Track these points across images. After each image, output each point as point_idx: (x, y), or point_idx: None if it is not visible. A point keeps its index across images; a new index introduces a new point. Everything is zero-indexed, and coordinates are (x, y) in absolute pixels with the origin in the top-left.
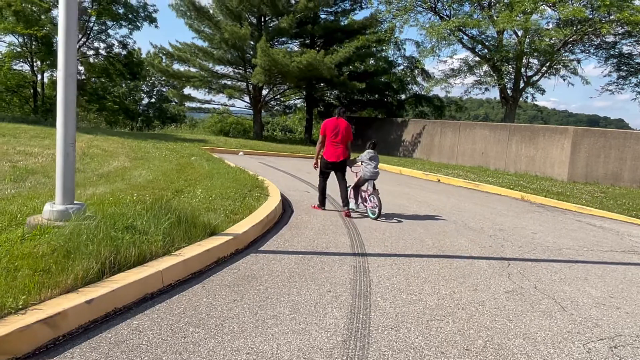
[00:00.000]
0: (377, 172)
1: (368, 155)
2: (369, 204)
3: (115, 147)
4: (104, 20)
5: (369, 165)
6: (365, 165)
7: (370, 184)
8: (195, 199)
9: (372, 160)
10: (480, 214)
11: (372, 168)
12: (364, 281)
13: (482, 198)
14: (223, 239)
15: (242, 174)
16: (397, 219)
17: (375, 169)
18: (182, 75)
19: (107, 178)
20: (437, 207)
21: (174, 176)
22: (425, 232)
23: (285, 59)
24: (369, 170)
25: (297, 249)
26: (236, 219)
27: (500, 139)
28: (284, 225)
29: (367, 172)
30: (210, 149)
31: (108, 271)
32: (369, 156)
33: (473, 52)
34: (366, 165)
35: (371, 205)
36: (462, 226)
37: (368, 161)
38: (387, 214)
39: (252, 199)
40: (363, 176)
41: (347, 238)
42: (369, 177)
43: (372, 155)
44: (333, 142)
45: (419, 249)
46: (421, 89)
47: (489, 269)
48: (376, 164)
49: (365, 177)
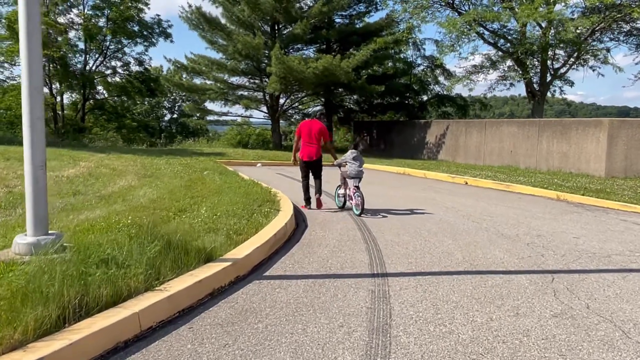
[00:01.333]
0: (361, 171)
1: (351, 155)
2: (353, 201)
3: (126, 166)
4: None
5: (352, 165)
6: (349, 165)
7: (355, 182)
8: (197, 218)
9: (355, 160)
10: (513, 219)
11: (356, 167)
12: (383, 310)
13: (514, 200)
14: (220, 266)
15: (254, 188)
16: (421, 229)
17: (359, 167)
18: (197, 89)
19: (108, 199)
20: (465, 213)
21: (180, 194)
22: (453, 244)
23: (301, 65)
24: (353, 169)
25: (308, 272)
26: (239, 240)
27: (530, 136)
28: (295, 243)
29: (352, 171)
30: (227, 162)
31: (71, 317)
32: (352, 156)
33: (495, 47)
34: (350, 165)
35: (355, 202)
36: (495, 234)
37: (352, 161)
38: (410, 223)
39: (261, 215)
40: (347, 175)
41: (366, 255)
42: (353, 175)
43: (356, 155)
44: (307, 142)
45: (447, 264)
46: (443, 88)
47: (531, 285)
48: (360, 163)
49: (350, 175)
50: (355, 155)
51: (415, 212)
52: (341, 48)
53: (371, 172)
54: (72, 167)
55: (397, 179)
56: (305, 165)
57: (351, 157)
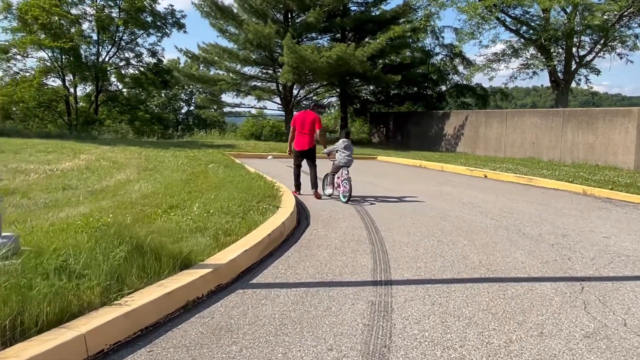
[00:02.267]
0: (350, 160)
1: (343, 144)
2: (341, 188)
3: (129, 158)
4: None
5: (343, 153)
6: (339, 153)
7: (344, 171)
8: (187, 216)
9: (346, 149)
10: (536, 216)
11: (345, 156)
12: (383, 328)
13: (537, 195)
14: (198, 274)
15: (257, 182)
16: (434, 228)
17: (348, 156)
18: (209, 79)
19: (98, 195)
20: (484, 209)
21: (177, 188)
22: (469, 245)
23: (314, 54)
24: (343, 158)
25: (302, 279)
26: (227, 242)
27: (554, 127)
28: (293, 243)
29: (342, 160)
30: (237, 155)
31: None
32: (343, 145)
33: (517, 34)
34: (341, 153)
35: (343, 190)
36: (516, 233)
37: (342, 149)
38: (422, 221)
39: (258, 212)
40: (338, 163)
41: (370, 258)
42: (343, 164)
43: (347, 144)
44: (301, 133)
45: (461, 269)
46: (462, 78)
47: (557, 296)
48: (350, 152)
49: (339, 164)
50: (347, 144)
51: (428, 209)
52: (356, 37)
53: (385, 164)
54: (70, 160)
55: (413, 172)
56: (299, 154)
57: (342, 146)
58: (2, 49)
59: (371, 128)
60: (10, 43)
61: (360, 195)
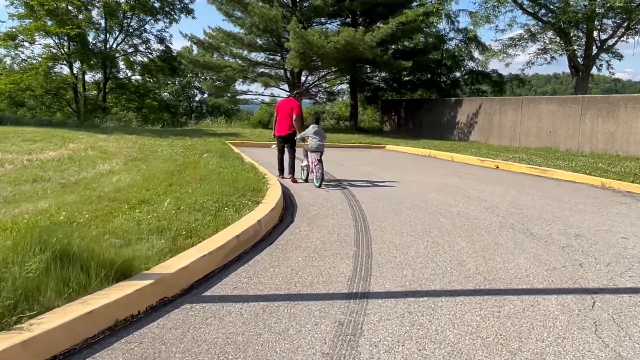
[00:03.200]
0: (321, 145)
1: (312, 130)
2: (314, 173)
3: (121, 148)
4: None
5: (313, 139)
6: (310, 139)
7: (316, 156)
8: (154, 213)
9: (316, 135)
10: (547, 212)
11: (316, 141)
12: (344, 358)
13: (550, 188)
14: (135, 286)
15: (247, 173)
16: (431, 226)
17: (319, 142)
18: (214, 65)
19: (70, 188)
20: (490, 204)
21: (158, 180)
22: (467, 247)
23: (321, 39)
24: (314, 144)
25: (264, 291)
26: (187, 245)
27: (572, 114)
28: (269, 244)
29: (312, 145)
30: (239, 143)
31: None
32: (313, 131)
33: (535, 17)
34: (311, 139)
35: (315, 174)
36: (522, 232)
37: (312, 135)
38: (420, 218)
39: (234, 209)
40: (309, 149)
41: (350, 264)
42: (314, 149)
43: (316, 130)
44: (281, 119)
45: (453, 278)
46: (477, 64)
47: (562, 314)
48: (320, 137)
49: (311, 149)
50: (316, 130)
51: (429, 204)
52: (367, 21)
53: (393, 154)
54: (55, 149)
55: (420, 162)
56: (280, 139)
57: (312, 132)
58: (9, 36)
59: (382, 116)
60: (18, 29)
61: (358, 187)
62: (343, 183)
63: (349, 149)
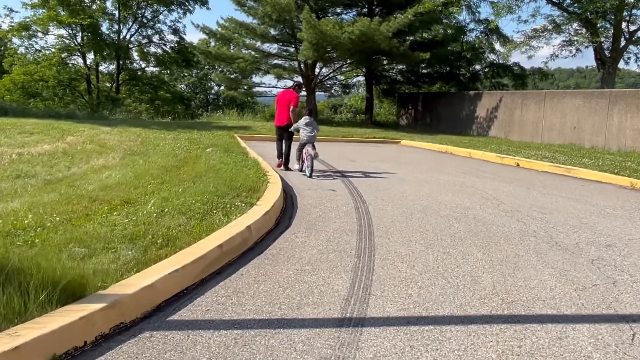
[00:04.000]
0: (313, 136)
1: (304, 122)
2: (306, 163)
3: (122, 141)
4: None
5: (305, 130)
6: (302, 130)
7: (308, 147)
8: (134, 216)
9: (307, 126)
10: (574, 216)
11: (308, 133)
12: None
13: (575, 188)
14: (82, 311)
15: (248, 171)
16: (443, 233)
17: (310, 133)
18: (225, 57)
19: (54, 185)
20: (510, 207)
21: (152, 177)
22: (484, 259)
23: (335, 30)
24: (305, 135)
25: (241, 314)
26: (160, 256)
27: (598, 109)
28: (258, 254)
29: (304, 137)
30: (249, 137)
31: None
32: (304, 122)
33: (560, 8)
34: (303, 130)
35: (306, 164)
36: (546, 242)
37: (304, 127)
38: (430, 223)
39: (224, 212)
40: (301, 140)
41: (348, 280)
42: (306, 140)
43: (308, 121)
44: (280, 109)
45: (466, 300)
46: (498, 57)
47: (596, 351)
48: (312, 128)
49: (302, 140)
50: (308, 122)
51: (443, 206)
52: (384, 12)
53: (408, 149)
54: (51, 143)
55: (437, 158)
56: (278, 129)
57: (304, 123)
58: (23, 26)
59: (399, 110)
60: (31, 20)
61: (367, 186)
62: (351, 181)
63: (363, 144)
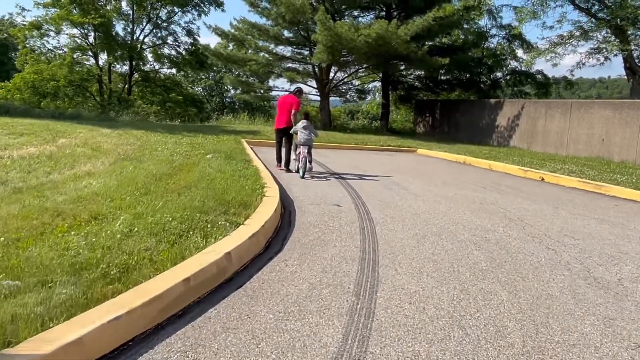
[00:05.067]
0: (309, 139)
1: (301, 125)
2: (300, 164)
3: (118, 144)
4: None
5: (302, 133)
6: (300, 133)
7: (304, 149)
8: (93, 237)
9: (304, 129)
10: (611, 244)
11: (304, 135)
12: None
13: (608, 209)
14: None
15: (245, 181)
16: (460, 263)
17: (307, 136)
18: (237, 59)
19: (23, 194)
20: (537, 230)
21: (136, 187)
22: (509, 300)
23: (351, 32)
24: (302, 137)
25: None
26: (104, 295)
27: (629, 121)
28: (236, 288)
29: (301, 139)
30: (257, 142)
31: None
32: (302, 125)
33: (588, 14)
34: (300, 133)
35: (301, 165)
36: (582, 277)
37: (302, 130)
38: (446, 250)
39: (203, 233)
40: (298, 142)
41: (341, 327)
42: (302, 142)
43: (305, 125)
44: (280, 113)
45: None
46: (521, 64)
47: None
48: (309, 132)
49: (299, 142)
50: (305, 125)
51: (461, 227)
52: (402, 15)
53: (424, 159)
54: (38, 145)
55: (455, 170)
56: (278, 132)
57: (301, 126)
58: (34, 25)
59: (416, 117)
60: (43, 19)
61: (376, 202)
62: (360, 195)
63: (377, 152)
